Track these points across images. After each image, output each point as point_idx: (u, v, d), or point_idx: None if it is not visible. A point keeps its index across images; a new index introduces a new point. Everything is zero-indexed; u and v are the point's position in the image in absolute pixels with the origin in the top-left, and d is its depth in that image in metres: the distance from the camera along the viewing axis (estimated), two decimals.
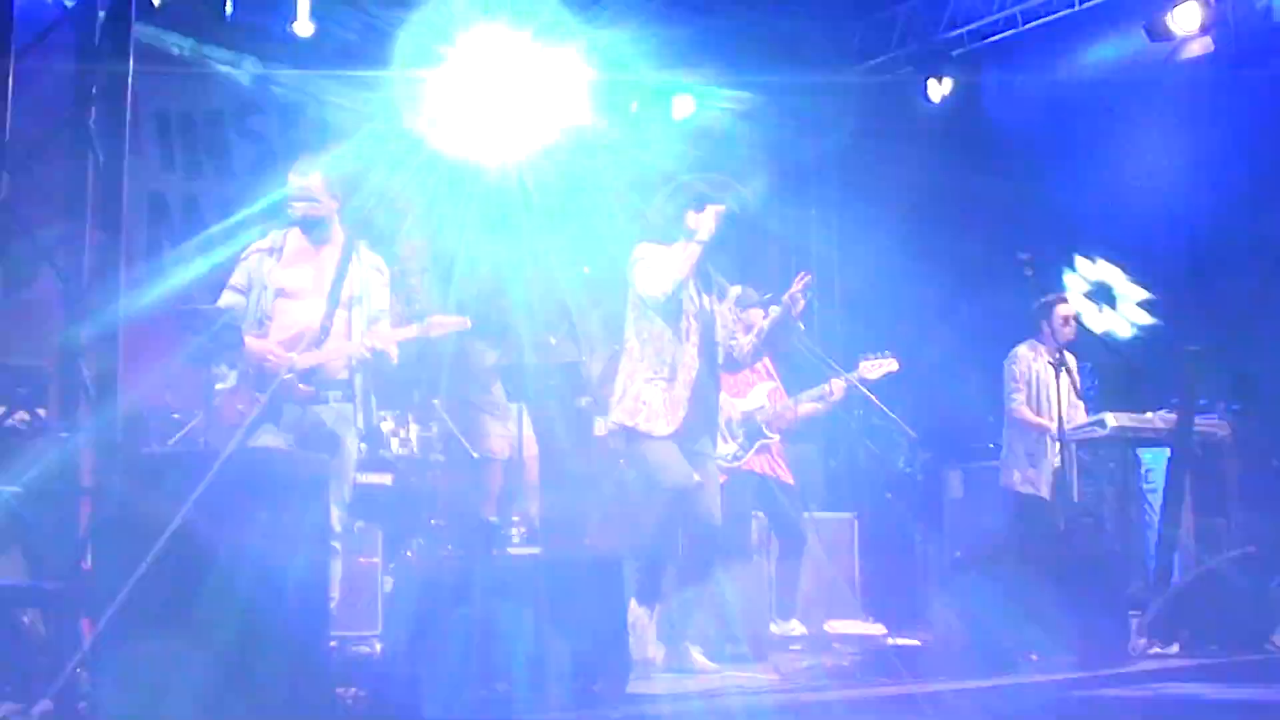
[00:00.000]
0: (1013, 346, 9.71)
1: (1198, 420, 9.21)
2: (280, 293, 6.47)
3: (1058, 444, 9.04)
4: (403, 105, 11.07)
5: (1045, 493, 9.31)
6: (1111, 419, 9.03)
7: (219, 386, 6.52)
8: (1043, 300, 9.46)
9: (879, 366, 8.91)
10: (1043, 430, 9.29)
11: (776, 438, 8.98)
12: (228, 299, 6.54)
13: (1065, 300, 9.52)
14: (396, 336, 7.18)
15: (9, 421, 5.46)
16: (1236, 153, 11.56)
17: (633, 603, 6.75)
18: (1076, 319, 9.49)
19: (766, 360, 9.16)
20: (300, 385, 6.42)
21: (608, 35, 12.47)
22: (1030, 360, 9.54)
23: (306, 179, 6.55)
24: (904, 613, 11.05)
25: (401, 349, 6.99)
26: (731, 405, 8.89)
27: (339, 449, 6.44)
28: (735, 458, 8.79)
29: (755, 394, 8.99)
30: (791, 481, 9.01)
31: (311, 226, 6.59)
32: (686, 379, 7.04)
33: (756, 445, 8.87)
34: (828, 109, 14.79)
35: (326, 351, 6.47)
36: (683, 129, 13.66)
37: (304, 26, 10.82)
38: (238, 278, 6.59)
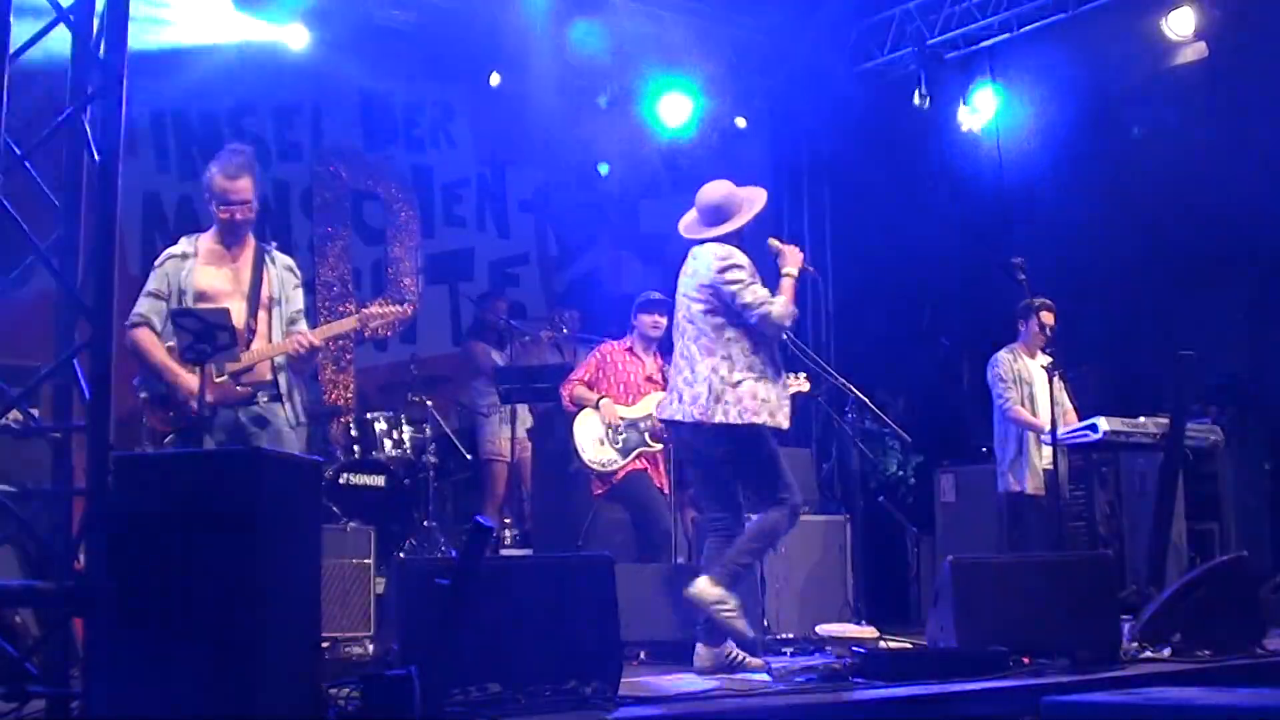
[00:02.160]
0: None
1: (1190, 425, 9.22)
2: (200, 297, 6.42)
3: (1048, 447, 9.05)
4: None
5: (1030, 488, 9.32)
6: (1104, 423, 9.03)
7: (144, 395, 6.50)
8: (1024, 303, 9.49)
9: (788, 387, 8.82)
10: (1036, 430, 9.29)
11: (659, 447, 8.97)
12: (147, 306, 6.47)
13: (1049, 305, 9.50)
14: (331, 331, 7.19)
15: (2, 421, 5.45)
16: (1230, 158, 11.60)
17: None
18: (1053, 325, 9.52)
19: (661, 368, 9.09)
20: (237, 388, 6.41)
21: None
22: (1011, 362, 9.56)
23: (238, 182, 6.50)
24: (896, 615, 11.08)
25: (393, 351, 6.99)
26: (613, 412, 8.94)
27: (279, 440, 6.43)
28: (611, 463, 8.87)
29: (645, 403, 8.95)
30: (667, 492, 9.00)
31: (231, 230, 6.55)
32: None
33: (636, 453, 8.92)
34: (823, 112, 14.85)
35: (256, 353, 6.46)
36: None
37: None
38: (156, 284, 6.51)
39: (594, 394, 9.02)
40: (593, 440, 8.94)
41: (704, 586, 6.88)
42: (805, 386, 8.92)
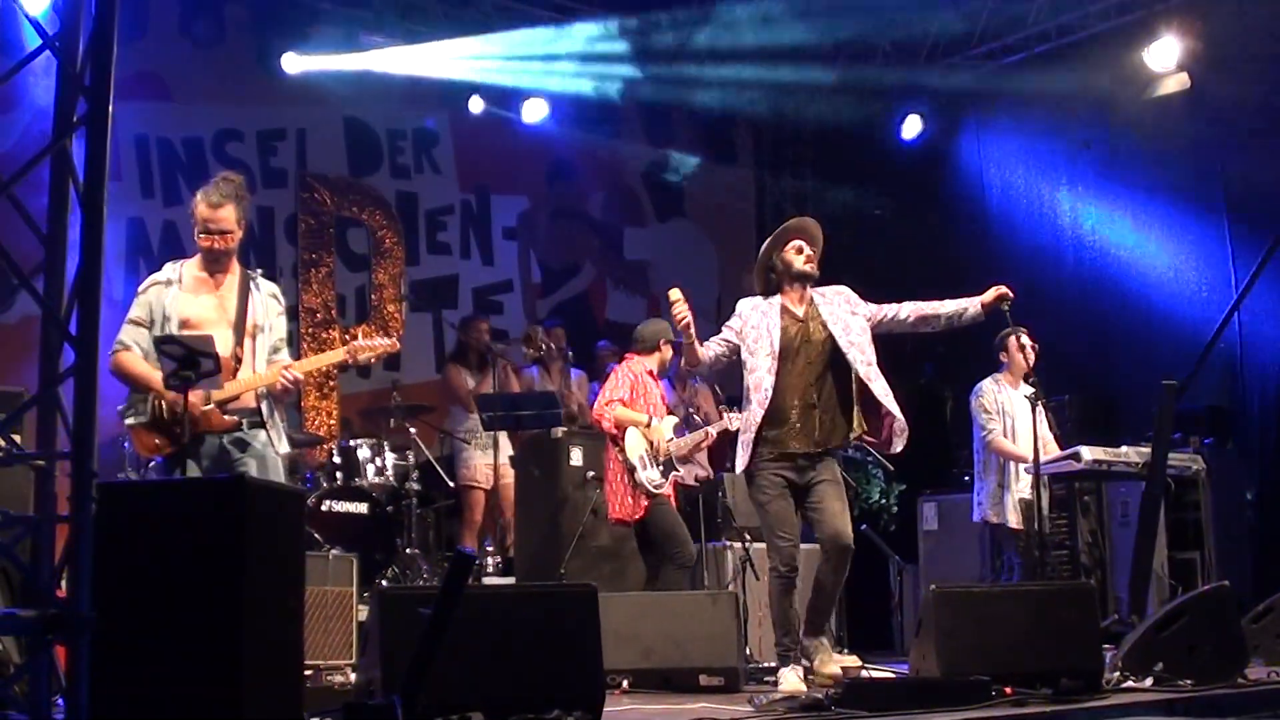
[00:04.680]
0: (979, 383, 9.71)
1: (1172, 454, 9.23)
2: (185, 324, 6.38)
3: (1029, 476, 9.05)
4: None
5: (1014, 522, 9.32)
6: (1086, 452, 9.05)
7: (130, 421, 6.47)
8: (1001, 333, 9.46)
9: (735, 420, 8.98)
10: (1019, 461, 9.27)
11: (682, 471, 9.06)
12: (130, 333, 6.44)
13: (1025, 331, 9.47)
14: (318, 363, 7.16)
15: None
16: (1212, 191, 11.68)
17: None
18: (1034, 348, 9.47)
19: (662, 393, 9.18)
20: (225, 417, 6.39)
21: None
22: (995, 392, 9.53)
23: (219, 211, 6.46)
24: (880, 644, 11.09)
25: (376, 378, 6.96)
26: (659, 433, 8.90)
27: (265, 469, 6.41)
28: (659, 486, 8.82)
29: (666, 425, 9.00)
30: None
31: (214, 258, 6.52)
32: None
33: (671, 475, 8.91)
34: (805, 141, 14.94)
35: (242, 383, 6.43)
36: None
37: None
38: (138, 312, 6.45)
39: (638, 415, 8.84)
40: (643, 459, 8.78)
41: None
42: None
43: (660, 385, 9.17)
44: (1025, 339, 9.39)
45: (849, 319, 7.53)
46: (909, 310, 7.70)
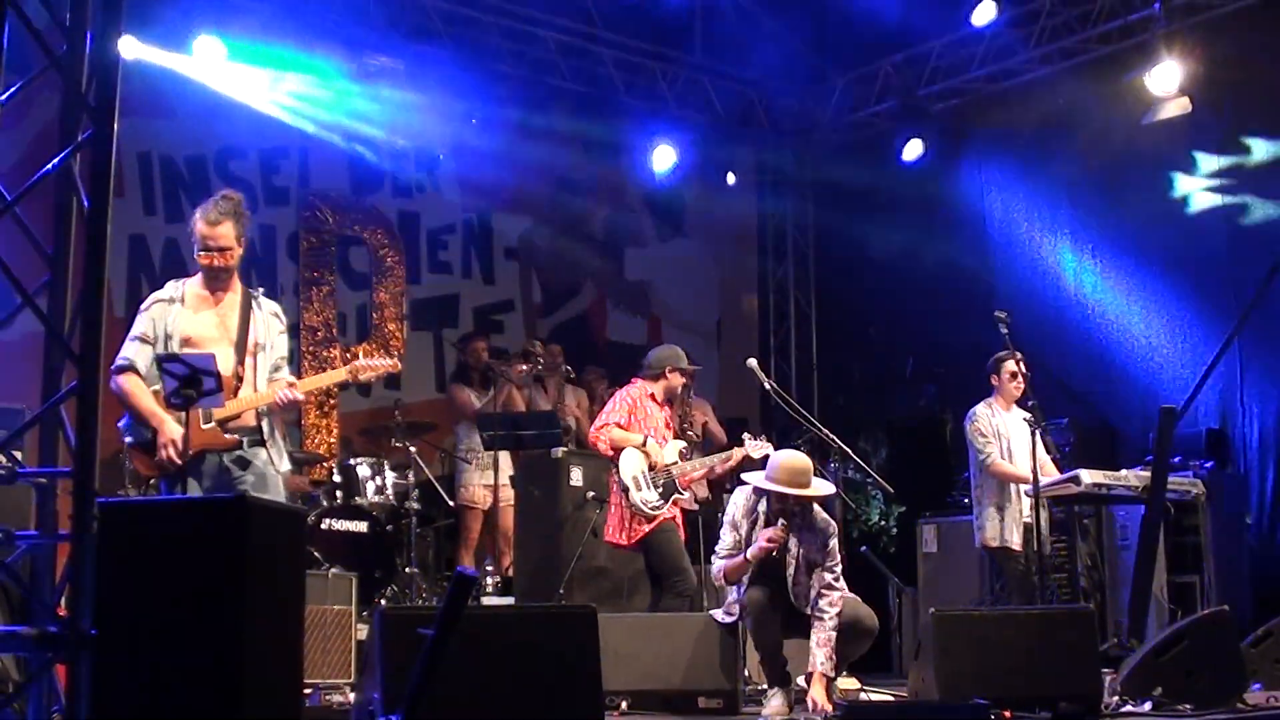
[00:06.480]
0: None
1: (1171, 478, 9.22)
2: (187, 342, 6.36)
3: (1029, 499, 9.04)
4: None
5: (1017, 543, 9.30)
6: (1086, 475, 9.04)
7: (130, 440, 6.46)
8: (994, 358, 9.47)
9: (760, 447, 8.95)
10: (1019, 482, 9.23)
11: (686, 495, 8.97)
12: (133, 350, 6.44)
13: (1015, 357, 9.45)
14: (320, 382, 7.15)
15: None
16: (1213, 213, 11.69)
17: None
18: (1026, 377, 9.45)
19: (669, 420, 9.18)
20: (226, 435, 6.38)
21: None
22: (989, 416, 9.50)
23: (217, 228, 6.46)
24: (879, 667, 11.06)
25: (377, 396, 6.95)
26: (659, 454, 8.88)
27: (265, 487, 6.41)
28: (656, 508, 8.74)
29: (670, 449, 8.97)
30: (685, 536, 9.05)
31: (213, 275, 6.52)
32: None
33: (672, 499, 8.84)
34: (808, 163, 14.96)
35: (244, 401, 6.42)
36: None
37: None
38: (142, 328, 6.44)
39: (635, 435, 8.85)
40: (636, 480, 8.75)
41: None
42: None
43: (664, 411, 9.14)
44: (1020, 366, 9.37)
45: (809, 561, 7.60)
46: (823, 609, 7.46)
